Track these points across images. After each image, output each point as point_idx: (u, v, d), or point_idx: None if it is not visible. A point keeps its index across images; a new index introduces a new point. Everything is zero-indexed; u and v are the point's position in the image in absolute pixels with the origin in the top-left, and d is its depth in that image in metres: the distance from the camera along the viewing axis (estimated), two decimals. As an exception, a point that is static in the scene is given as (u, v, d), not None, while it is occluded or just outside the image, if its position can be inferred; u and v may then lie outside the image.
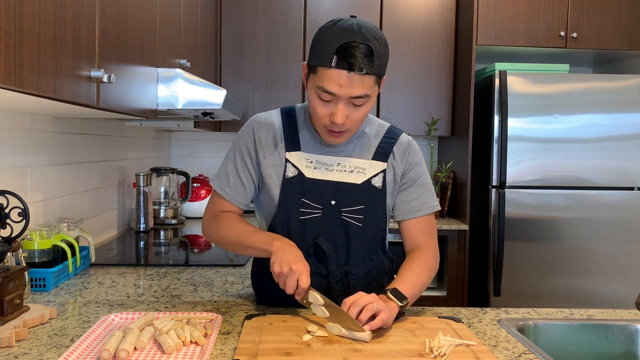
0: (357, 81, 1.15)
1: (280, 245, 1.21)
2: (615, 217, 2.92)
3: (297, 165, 1.31)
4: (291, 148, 1.33)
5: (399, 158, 1.37)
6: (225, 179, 1.36)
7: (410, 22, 3.26)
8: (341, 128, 1.22)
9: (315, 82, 1.19)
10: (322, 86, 1.17)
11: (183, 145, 3.64)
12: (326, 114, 1.21)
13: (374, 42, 1.16)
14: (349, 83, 1.15)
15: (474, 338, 1.14)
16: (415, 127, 3.31)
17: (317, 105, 1.21)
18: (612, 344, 1.33)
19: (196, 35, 2.51)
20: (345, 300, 1.17)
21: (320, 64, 1.16)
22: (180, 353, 1.07)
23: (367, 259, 1.36)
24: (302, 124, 1.36)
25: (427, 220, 1.38)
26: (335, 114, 1.19)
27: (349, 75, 1.14)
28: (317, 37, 1.20)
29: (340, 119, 1.19)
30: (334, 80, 1.15)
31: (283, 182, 1.31)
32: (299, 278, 1.16)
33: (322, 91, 1.18)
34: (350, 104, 1.19)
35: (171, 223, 2.82)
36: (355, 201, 1.32)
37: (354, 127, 1.24)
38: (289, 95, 3.24)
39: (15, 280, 1.24)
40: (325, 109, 1.21)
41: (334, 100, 1.19)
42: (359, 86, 1.16)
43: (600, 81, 2.90)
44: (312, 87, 1.21)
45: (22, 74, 0.93)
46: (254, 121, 1.37)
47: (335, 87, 1.16)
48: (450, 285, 3.07)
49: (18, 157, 1.66)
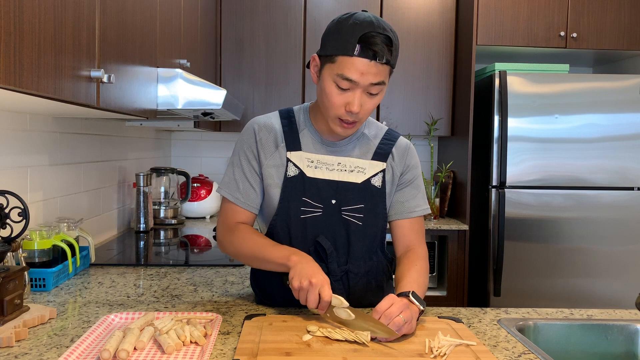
0: (377, 70, 1.19)
1: (298, 260, 1.21)
2: (615, 217, 2.92)
3: (299, 165, 1.33)
4: (292, 148, 1.34)
5: (398, 159, 1.38)
6: (235, 185, 1.35)
7: (410, 22, 3.26)
8: (355, 117, 1.25)
9: (334, 71, 1.21)
10: (343, 74, 1.20)
11: (183, 145, 3.64)
12: (342, 103, 1.23)
13: (391, 33, 1.21)
14: (369, 71, 1.19)
15: (474, 338, 1.14)
16: (415, 127, 3.31)
17: (334, 94, 1.23)
18: (612, 344, 1.33)
19: (196, 35, 2.51)
20: (377, 309, 1.14)
21: (341, 52, 1.19)
22: (180, 353, 1.07)
23: (367, 258, 1.37)
24: (302, 125, 1.37)
25: (419, 221, 1.41)
26: (352, 102, 1.22)
27: (370, 63, 1.18)
28: (335, 28, 1.22)
29: (357, 107, 1.22)
30: (355, 68, 1.18)
31: (284, 182, 1.32)
32: (320, 291, 1.15)
33: (342, 79, 1.20)
34: (366, 92, 1.22)
35: (171, 223, 2.82)
36: (355, 200, 1.33)
37: (364, 117, 1.27)
38: (289, 95, 3.24)
39: (15, 280, 1.24)
40: (342, 97, 1.23)
41: (352, 88, 1.22)
42: (378, 74, 1.20)
43: (600, 81, 2.90)
44: (329, 76, 1.23)
45: (22, 74, 0.93)
46: (254, 123, 1.37)
47: (356, 75, 1.19)
48: (450, 285, 3.07)
49: (18, 157, 1.66)
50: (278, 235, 1.35)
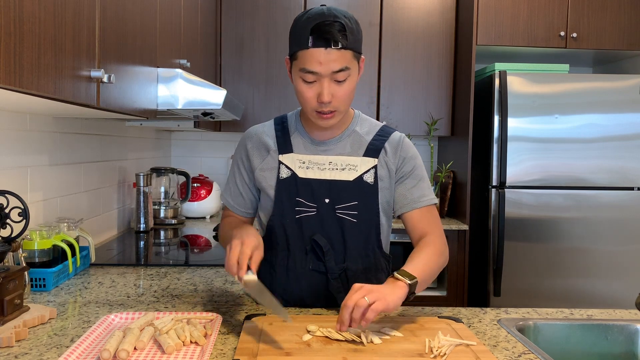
0: (335, 56, 1.21)
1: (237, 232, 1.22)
2: (615, 217, 2.92)
3: (290, 167, 1.36)
4: (284, 151, 1.38)
5: (391, 153, 1.38)
6: (229, 189, 1.48)
7: (410, 22, 3.26)
8: (329, 107, 1.26)
9: (297, 67, 1.26)
10: (304, 67, 1.23)
11: (183, 145, 3.64)
12: (313, 96, 1.26)
13: (344, 19, 1.23)
14: (328, 59, 1.21)
15: (474, 338, 1.14)
16: (415, 127, 3.31)
17: (303, 89, 1.26)
18: (612, 344, 1.33)
19: (196, 36, 2.51)
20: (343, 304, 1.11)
21: (298, 48, 1.24)
22: (180, 353, 1.07)
23: (364, 255, 1.38)
24: (293, 128, 1.41)
25: (430, 210, 1.38)
26: (322, 93, 1.24)
27: (326, 51, 1.21)
28: (292, 27, 1.28)
29: (326, 97, 1.24)
30: (313, 58, 1.21)
31: (277, 183, 1.35)
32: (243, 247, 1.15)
33: (305, 72, 1.24)
34: (334, 80, 1.24)
35: (171, 223, 2.82)
36: (348, 198, 1.34)
37: (341, 105, 1.28)
38: (289, 95, 3.24)
39: (15, 280, 1.24)
40: (311, 90, 1.25)
41: (318, 79, 1.24)
42: (337, 60, 1.22)
43: (600, 81, 2.90)
44: (295, 73, 1.28)
45: (22, 74, 0.93)
46: (246, 135, 1.47)
47: (315, 65, 1.22)
48: (450, 285, 3.07)
49: (18, 157, 1.66)
50: (275, 235, 1.38)
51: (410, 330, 1.19)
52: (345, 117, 1.38)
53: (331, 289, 1.34)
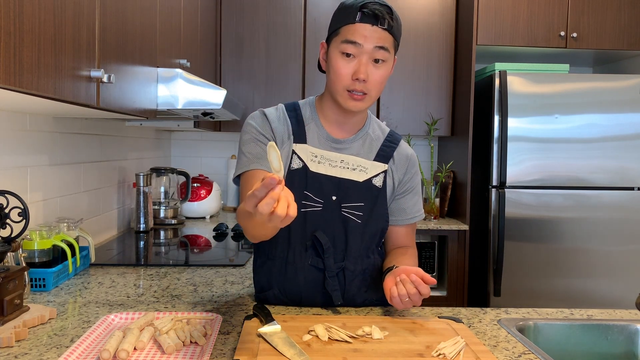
0: (380, 34, 1.23)
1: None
2: (615, 217, 2.92)
3: (303, 158, 1.33)
4: (298, 140, 1.34)
5: (400, 165, 1.41)
6: (246, 159, 1.30)
7: (411, 22, 3.26)
8: (362, 87, 1.26)
9: (338, 41, 1.26)
10: (347, 38, 1.24)
11: (183, 145, 3.64)
12: (348, 73, 1.25)
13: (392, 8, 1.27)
14: (372, 35, 1.23)
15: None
16: (415, 127, 3.31)
17: (340, 65, 1.26)
18: (612, 344, 1.32)
19: (196, 36, 2.51)
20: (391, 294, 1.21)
21: (344, 23, 1.25)
22: (180, 353, 1.07)
23: (365, 257, 1.38)
24: (308, 118, 1.38)
25: (415, 226, 1.48)
26: (359, 69, 1.24)
27: (372, 28, 1.23)
28: (338, 8, 1.29)
29: (364, 74, 1.24)
30: (359, 32, 1.23)
31: (288, 173, 1.33)
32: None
33: (346, 43, 1.24)
34: (372, 61, 1.25)
35: (171, 223, 2.82)
36: (355, 198, 1.34)
37: (373, 89, 1.28)
38: (289, 95, 3.24)
39: (15, 280, 1.24)
40: (349, 67, 1.25)
41: (357, 55, 1.24)
42: (381, 39, 1.24)
43: (600, 81, 2.90)
44: (335, 49, 1.27)
45: (22, 74, 0.93)
46: (265, 111, 1.35)
47: (360, 37, 1.23)
48: (450, 285, 3.07)
49: (18, 157, 1.66)
50: None
51: (410, 330, 1.19)
52: (361, 118, 1.38)
53: (327, 287, 1.33)
